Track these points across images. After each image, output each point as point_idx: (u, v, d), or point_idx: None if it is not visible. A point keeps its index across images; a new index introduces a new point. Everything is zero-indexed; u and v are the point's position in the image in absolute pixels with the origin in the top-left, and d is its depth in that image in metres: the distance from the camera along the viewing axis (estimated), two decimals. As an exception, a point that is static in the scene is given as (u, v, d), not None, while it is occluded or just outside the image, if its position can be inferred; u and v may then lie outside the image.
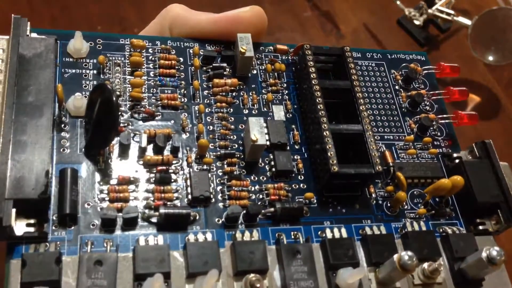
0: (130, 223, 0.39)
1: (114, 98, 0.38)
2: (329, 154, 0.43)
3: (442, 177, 0.47)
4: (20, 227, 0.37)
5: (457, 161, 0.48)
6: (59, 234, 0.38)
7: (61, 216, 0.38)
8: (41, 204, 0.37)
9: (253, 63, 0.50)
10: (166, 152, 0.43)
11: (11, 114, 0.38)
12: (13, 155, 0.37)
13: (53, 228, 0.38)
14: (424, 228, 0.45)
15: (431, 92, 0.53)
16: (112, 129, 0.39)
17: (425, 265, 0.42)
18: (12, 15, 0.43)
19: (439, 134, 0.51)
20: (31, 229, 0.37)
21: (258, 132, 0.43)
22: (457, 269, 0.43)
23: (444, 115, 0.52)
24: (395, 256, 0.39)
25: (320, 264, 0.41)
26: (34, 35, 0.44)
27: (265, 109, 0.48)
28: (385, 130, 0.50)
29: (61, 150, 0.41)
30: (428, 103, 0.53)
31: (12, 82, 0.40)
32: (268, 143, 0.45)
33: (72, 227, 0.38)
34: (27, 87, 0.40)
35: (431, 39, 1.33)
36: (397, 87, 0.53)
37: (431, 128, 0.51)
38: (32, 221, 0.37)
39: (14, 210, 0.35)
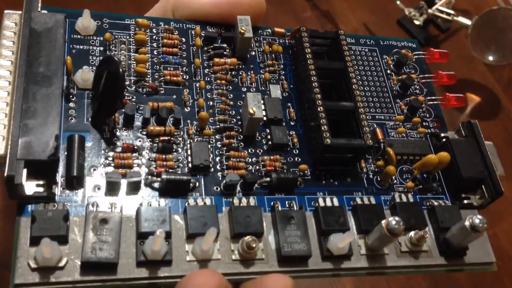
0: (133, 187, 0.42)
1: (120, 69, 0.41)
2: (322, 128, 0.45)
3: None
4: (30, 187, 0.39)
5: (444, 140, 0.51)
6: (66, 196, 0.40)
7: (68, 178, 0.40)
8: (50, 166, 0.39)
9: (252, 44, 0.52)
10: (168, 124, 0.46)
11: (23, 82, 0.41)
12: (24, 120, 0.39)
13: (61, 189, 0.40)
14: (411, 201, 0.47)
15: (421, 76, 0.56)
16: (118, 98, 0.42)
17: (412, 233, 0.44)
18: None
19: (427, 115, 0.54)
20: (40, 189, 0.39)
21: (255, 106, 0.46)
22: (442, 239, 0.45)
23: (433, 97, 0.54)
24: (383, 222, 0.41)
25: (312, 230, 0.43)
26: (44, 12, 0.46)
27: (262, 87, 0.51)
28: (377, 110, 0.53)
29: (69, 119, 0.43)
30: (418, 87, 0.55)
31: (24, 53, 0.42)
32: (265, 118, 0.48)
33: (79, 189, 0.41)
34: (38, 58, 0.42)
35: (431, 39, 1.35)
36: (388, 71, 0.56)
37: (420, 110, 0.54)
38: (41, 182, 0.39)
39: (25, 170, 0.38)
